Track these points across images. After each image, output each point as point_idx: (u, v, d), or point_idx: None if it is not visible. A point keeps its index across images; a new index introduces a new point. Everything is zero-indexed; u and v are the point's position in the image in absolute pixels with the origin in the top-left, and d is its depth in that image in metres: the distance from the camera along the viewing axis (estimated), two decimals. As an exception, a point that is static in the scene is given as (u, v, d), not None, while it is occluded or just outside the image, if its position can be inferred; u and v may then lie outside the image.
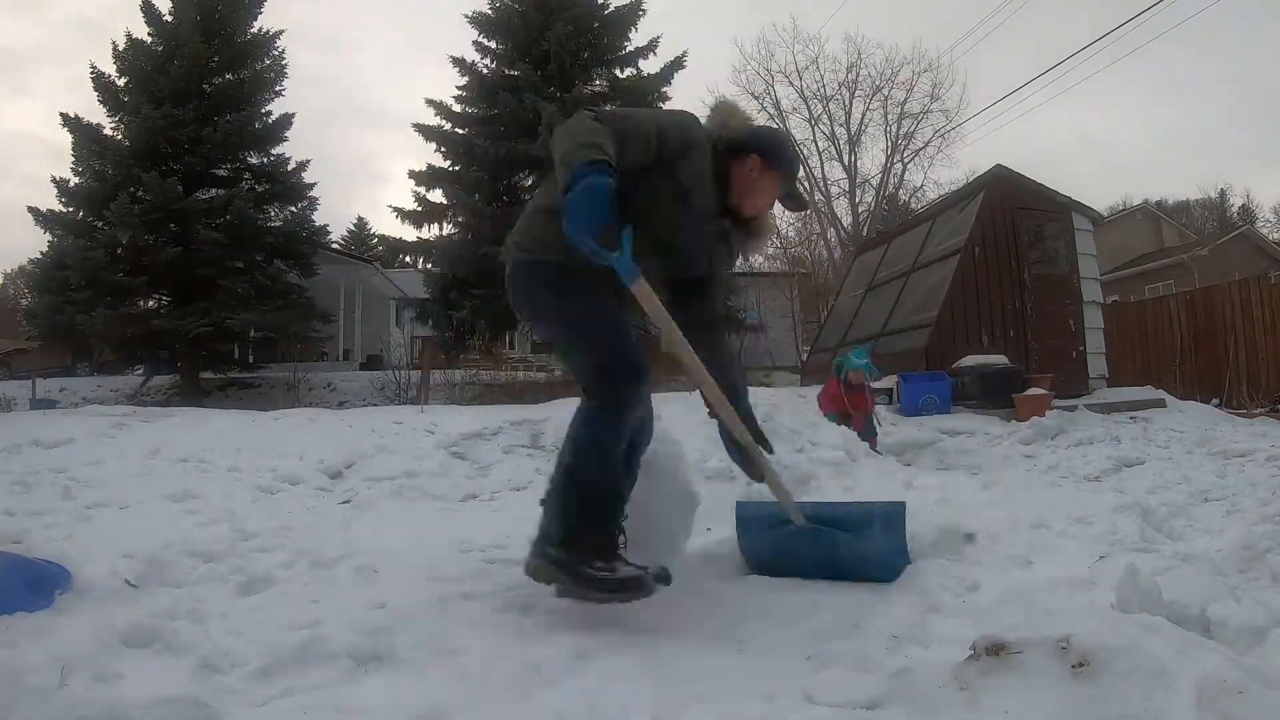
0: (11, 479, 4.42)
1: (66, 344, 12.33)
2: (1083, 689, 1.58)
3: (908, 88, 26.34)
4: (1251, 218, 42.38)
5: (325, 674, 1.95)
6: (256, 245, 12.48)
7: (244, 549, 3.31)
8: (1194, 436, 6.24)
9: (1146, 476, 4.88)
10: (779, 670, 2.00)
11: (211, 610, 2.44)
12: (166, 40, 12.85)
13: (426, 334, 12.84)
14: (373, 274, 17.87)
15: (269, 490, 4.68)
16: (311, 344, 13.72)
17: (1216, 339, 10.40)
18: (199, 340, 11.52)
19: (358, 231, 43.67)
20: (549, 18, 11.95)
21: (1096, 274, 9.53)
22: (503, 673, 1.99)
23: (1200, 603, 2.13)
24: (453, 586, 2.97)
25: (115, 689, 1.77)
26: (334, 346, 16.52)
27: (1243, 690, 1.50)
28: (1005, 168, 9.36)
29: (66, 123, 12.35)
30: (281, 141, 13.51)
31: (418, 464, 5.34)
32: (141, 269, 11.55)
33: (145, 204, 11.37)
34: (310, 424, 6.20)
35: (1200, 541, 3.38)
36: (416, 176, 12.20)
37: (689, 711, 1.82)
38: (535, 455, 5.73)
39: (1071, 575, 2.73)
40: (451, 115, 12.56)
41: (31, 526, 3.42)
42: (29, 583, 2.32)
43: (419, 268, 13.58)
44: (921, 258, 9.72)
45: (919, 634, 2.23)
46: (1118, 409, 7.47)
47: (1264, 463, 5.06)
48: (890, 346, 9.22)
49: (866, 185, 27.47)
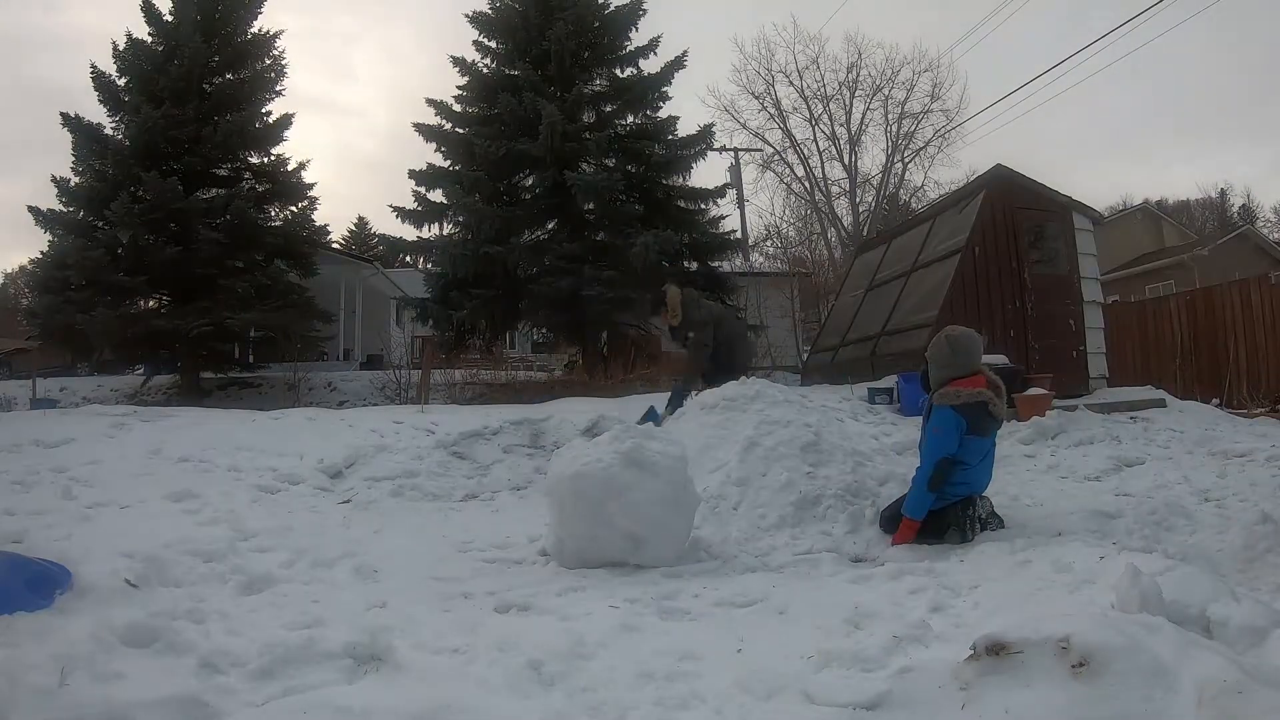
0: (11, 479, 4.41)
1: (66, 344, 12.28)
2: (1083, 689, 1.58)
3: (908, 87, 26.37)
4: (1251, 218, 42.41)
5: (325, 674, 1.95)
6: (256, 245, 12.46)
7: (244, 549, 3.31)
8: (1194, 436, 6.23)
9: (1147, 476, 4.88)
10: (779, 670, 2.00)
11: (211, 610, 2.44)
12: (166, 40, 12.83)
13: (426, 334, 12.83)
14: (373, 274, 17.86)
15: (269, 490, 4.68)
16: (311, 344, 13.68)
17: (1216, 339, 10.40)
18: (199, 340, 11.50)
19: (358, 231, 43.70)
20: (549, 17, 11.93)
21: (1097, 274, 9.53)
22: (503, 673, 1.99)
23: (1200, 603, 2.13)
24: (453, 586, 2.98)
25: (115, 688, 1.77)
26: (334, 346, 16.51)
27: (1242, 690, 1.50)
28: (1005, 168, 9.36)
29: (66, 123, 12.34)
30: (281, 141, 13.51)
31: (418, 464, 5.34)
32: (141, 269, 11.53)
33: (145, 204, 11.36)
34: (310, 424, 6.19)
35: (1200, 541, 3.38)
36: (416, 176, 12.19)
37: (689, 711, 1.82)
38: (535, 455, 5.72)
39: (1071, 575, 2.74)
40: (451, 115, 12.54)
41: (31, 526, 3.42)
42: (29, 582, 2.32)
43: (419, 268, 13.57)
44: (922, 257, 9.72)
45: (919, 634, 2.23)
46: (1118, 409, 7.47)
47: (1264, 463, 5.06)
48: (890, 346, 9.22)
49: (867, 185, 27.54)
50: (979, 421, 3.42)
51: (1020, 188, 9.28)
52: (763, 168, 26.98)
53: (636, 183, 11.87)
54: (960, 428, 3.39)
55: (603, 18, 12.51)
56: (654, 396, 6.89)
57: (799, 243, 27.27)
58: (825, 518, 3.70)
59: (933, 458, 3.40)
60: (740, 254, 15.91)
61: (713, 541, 3.49)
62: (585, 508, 3.19)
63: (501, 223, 11.22)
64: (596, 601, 2.71)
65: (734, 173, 23.72)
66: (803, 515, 3.68)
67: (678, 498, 3.30)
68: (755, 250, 24.39)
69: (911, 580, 2.91)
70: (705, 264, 12.27)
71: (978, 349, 3.60)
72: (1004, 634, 1.73)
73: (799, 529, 3.61)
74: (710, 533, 3.55)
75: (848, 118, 26.87)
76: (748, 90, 26.62)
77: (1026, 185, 9.33)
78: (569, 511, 3.26)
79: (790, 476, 3.84)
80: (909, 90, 26.30)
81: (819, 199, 27.24)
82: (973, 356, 3.56)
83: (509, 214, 11.42)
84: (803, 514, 3.69)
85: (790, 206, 28.33)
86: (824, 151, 27.05)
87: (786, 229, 27.84)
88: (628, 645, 2.22)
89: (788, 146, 26.91)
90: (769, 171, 27.16)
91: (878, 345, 9.55)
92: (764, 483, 3.84)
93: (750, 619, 2.56)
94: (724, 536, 3.55)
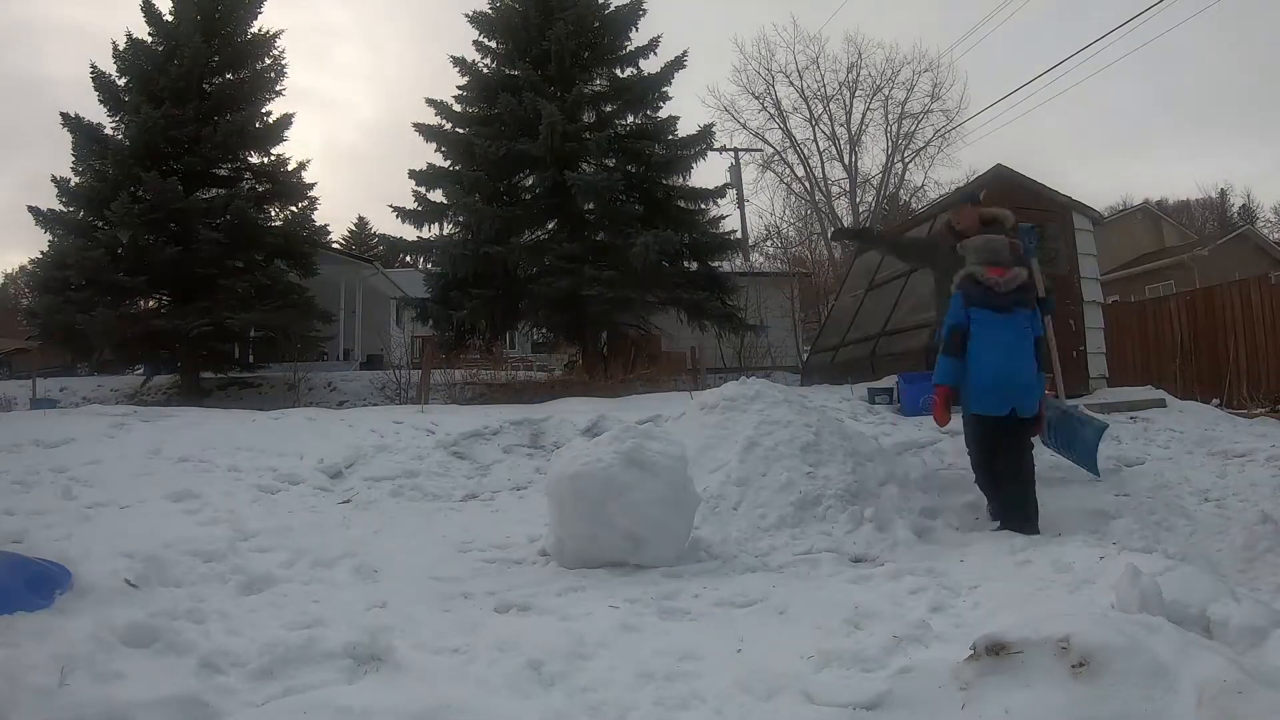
0: (11, 479, 4.41)
1: (66, 344, 12.27)
2: (1083, 689, 1.58)
3: (908, 87, 26.41)
4: (1251, 218, 42.38)
5: (325, 674, 1.95)
6: (257, 245, 12.45)
7: (244, 549, 3.31)
8: (1194, 436, 6.23)
9: (1147, 476, 4.88)
10: (779, 670, 2.00)
11: (211, 610, 2.44)
12: (166, 40, 12.82)
13: (426, 334, 12.82)
14: (373, 274, 17.85)
15: (269, 490, 4.68)
16: (311, 344, 13.68)
17: (1216, 339, 10.39)
18: (199, 340, 11.50)
19: (358, 231, 43.69)
20: (549, 17, 11.93)
21: (1097, 274, 9.52)
22: (503, 673, 1.99)
23: (1200, 603, 2.13)
24: (453, 586, 2.98)
25: (115, 688, 1.77)
26: (334, 346, 16.50)
27: (1242, 690, 1.50)
28: (1005, 168, 9.35)
29: (66, 122, 12.34)
30: (282, 141, 13.50)
31: (418, 464, 5.34)
32: (141, 269, 11.52)
33: (145, 204, 11.34)
34: (310, 424, 6.19)
35: (1200, 541, 3.39)
36: (416, 176, 12.18)
37: (689, 711, 1.82)
38: (535, 455, 5.72)
39: (1071, 575, 2.74)
40: (451, 115, 12.53)
41: (31, 526, 3.42)
42: (29, 582, 2.32)
43: (419, 268, 13.56)
44: (922, 257, 9.73)
45: (919, 634, 2.23)
46: (1118, 409, 7.46)
47: (1264, 463, 5.06)
48: (890, 346, 9.21)
49: (867, 185, 27.55)
50: (971, 293, 3.83)
51: (1020, 188, 9.27)
52: (763, 168, 27.02)
53: (636, 183, 11.86)
54: (958, 301, 3.86)
55: (603, 18, 12.51)
56: (654, 397, 6.89)
57: (799, 243, 27.30)
58: (825, 518, 3.70)
59: (945, 326, 3.91)
60: (740, 254, 15.91)
61: (713, 541, 3.49)
62: (585, 508, 3.19)
63: (501, 223, 11.21)
64: (596, 601, 2.71)
65: (734, 173, 23.74)
66: (803, 515, 3.68)
67: (678, 498, 3.30)
68: (755, 250, 24.42)
69: (911, 580, 2.91)
70: (705, 264, 12.27)
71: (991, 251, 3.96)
72: (1004, 634, 1.73)
73: (799, 529, 3.61)
74: (710, 533, 3.55)
75: (848, 118, 26.91)
76: (748, 90, 26.67)
77: (1026, 185, 9.33)
78: (569, 511, 3.26)
79: (790, 476, 3.84)
80: (909, 90, 26.36)
81: (819, 199, 27.27)
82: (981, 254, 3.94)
83: (509, 214, 11.41)
84: (803, 514, 3.69)
85: (790, 206, 28.38)
86: (824, 151, 27.10)
87: (786, 229, 27.88)
88: (628, 645, 2.22)
89: (788, 146, 26.96)
90: (769, 171, 27.20)
91: (878, 345, 9.55)
92: (764, 483, 3.84)
93: (750, 619, 2.56)
94: (724, 536, 3.54)
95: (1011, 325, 3.78)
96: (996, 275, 3.74)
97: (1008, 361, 3.73)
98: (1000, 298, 3.74)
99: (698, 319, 11.91)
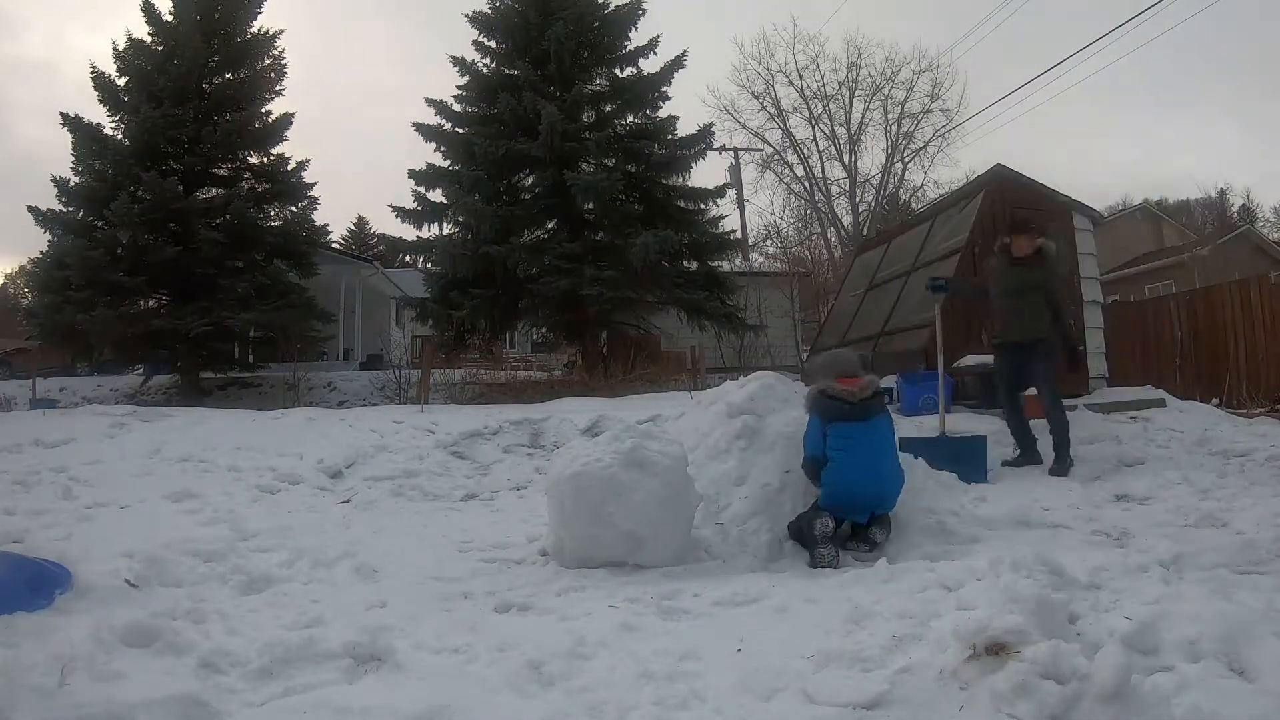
0: (11, 479, 4.42)
1: (66, 344, 12.28)
2: (1083, 688, 1.58)
3: (908, 87, 26.39)
4: (1251, 218, 42.40)
5: (325, 674, 1.95)
6: (256, 245, 12.47)
7: (244, 549, 3.31)
8: (1194, 436, 6.23)
9: (1147, 476, 4.88)
10: (779, 670, 2.00)
11: (211, 610, 2.44)
12: (166, 40, 12.84)
13: (426, 334, 12.82)
14: (373, 273, 17.86)
15: (269, 490, 4.68)
16: (311, 344, 13.69)
17: (1216, 339, 10.38)
18: (199, 340, 11.52)
19: (358, 231, 43.69)
20: (549, 17, 11.94)
21: (1097, 274, 9.52)
22: (503, 672, 1.99)
23: (1200, 602, 2.13)
24: (453, 586, 2.98)
25: (115, 688, 1.77)
26: (334, 346, 16.51)
27: (1229, 690, 1.50)
28: (1005, 167, 9.34)
29: (66, 122, 12.35)
30: (281, 141, 13.52)
31: (418, 464, 5.34)
32: (141, 269, 11.53)
33: (145, 203, 11.36)
34: (310, 424, 6.19)
35: (1200, 542, 3.38)
36: (416, 176, 12.19)
37: (689, 711, 1.82)
38: (535, 455, 5.72)
39: (1071, 576, 2.73)
40: (451, 115, 12.54)
41: (31, 526, 3.42)
42: (29, 582, 2.32)
43: (419, 267, 13.57)
44: (922, 257, 9.70)
45: (919, 634, 2.23)
46: (1118, 409, 7.46)
47: (1264, 463, 5.05)
48: (890, 346, 9.21)
49: (867, 185, 27.54)
50: (828, 410, 3.64)
51: (1020, 187, 9.26)
52: (762, 168, 27.03)
53: (636, 183, 11.87)
54: (815, 425, 3.66)
55: (602, 18, 12.51)
56: (654, 396, 6.89)
57: (799, 243, 27.30)
58: (825, 517, 3.68)
59: (805, 454, 3.66)
60: (740, 254, 15.92)
61: (713, 541, 3.48)
62: (585, 508, 3.19)
63: (501, 223, 11.22)
64: (596, 601, 2.71)
65: (734, 173, 23.76)
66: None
67: (677, 498, 3.30)
68: (755, 250, 24.40)
69: (911, 579, 2.90)
70: (705, 264, 12.27)
71: (839, 363, 3.85)
72: (1004, 634, 1.73)
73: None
74: (710, 533, 3.55)
75: (847, 117, 26.91)
76: (747, 90, 26.67)
77: (1026, 185, 9.32)
78: (569, 511, 3.26)
79: (791, 475, 3.83)
80: (909, 90, 26.36)
81: (819, 199, 27.27)
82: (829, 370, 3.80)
83: (509, 214, 11.42)
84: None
85: (790, 206, 28.40)
86: (824, 151, 27.11)
87: (786, 229, 27.87)
88: (628, 645, 2.22)
89: (787, 146, 26.96)
90: (769, 171, 27.21)
91: (878, 345, 9.54)
92: (764, 481, 3.83)
93: (750, 619, 2.56)
94: (724, 536, 3.54)
95: (872, 433, 3.65)
96: (849, 385, 3.66)
97: (869, 475, 3.57)
98: (856, 408, 3.63)
99: (697, 319, 11.92)
